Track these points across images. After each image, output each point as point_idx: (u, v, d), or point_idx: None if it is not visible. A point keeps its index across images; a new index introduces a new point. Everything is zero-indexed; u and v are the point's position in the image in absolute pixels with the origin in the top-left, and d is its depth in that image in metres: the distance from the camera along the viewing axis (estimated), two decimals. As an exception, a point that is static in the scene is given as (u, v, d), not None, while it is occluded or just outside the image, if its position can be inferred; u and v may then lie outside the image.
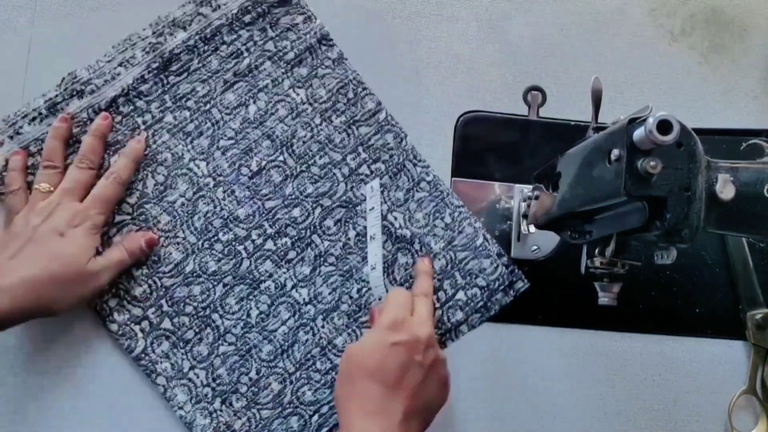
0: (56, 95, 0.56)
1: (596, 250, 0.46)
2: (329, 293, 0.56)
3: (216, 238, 0.56)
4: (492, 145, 0.59)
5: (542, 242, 0.58)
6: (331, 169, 0.57)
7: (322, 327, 0.55)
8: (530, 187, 0.56)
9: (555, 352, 0.57)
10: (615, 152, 0.38)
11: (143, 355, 0.54)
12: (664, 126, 0.34)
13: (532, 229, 0.57)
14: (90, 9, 0.58)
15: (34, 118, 0.55)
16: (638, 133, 0.36)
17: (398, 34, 0.60)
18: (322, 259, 0.56)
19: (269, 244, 0.56)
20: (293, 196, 0.57)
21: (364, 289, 0.56)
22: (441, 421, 0.55)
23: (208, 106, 0.57)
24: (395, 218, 0.57)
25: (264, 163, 0.57)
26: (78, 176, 0.53)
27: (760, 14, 0.62)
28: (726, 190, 0.38)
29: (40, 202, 0.52)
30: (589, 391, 0.57)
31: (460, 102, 0.59)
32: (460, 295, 0.56)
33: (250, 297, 0.55)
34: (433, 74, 0.60)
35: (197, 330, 0.55)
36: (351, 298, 0.56)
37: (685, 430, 0.56)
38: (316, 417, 0.54)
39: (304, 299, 0.56)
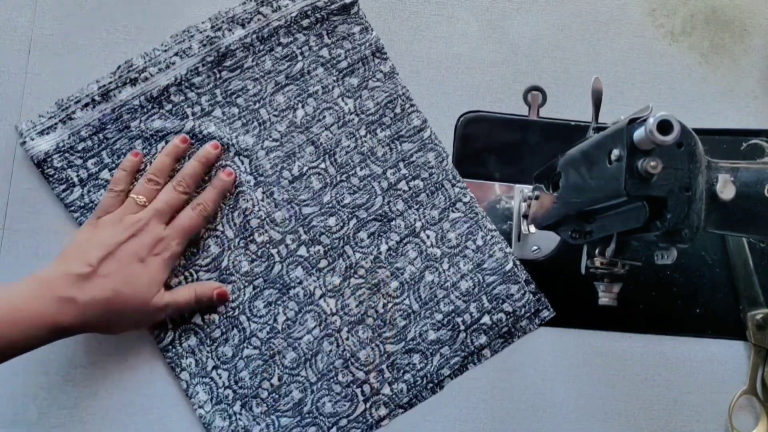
0: (110, 82, 0.56)
1: (596, 250, 0.46)
2: (356, 306, 0.56)
3: (251, 238, 0.56)
4: (492, 145, 0.59)
5: (542, 242, 0.58)
6: (371, 182, 0.57)
7: (347, 339, 0.55)
8: (530, 187, 0.56)
9: (555, 352, 0.57)
10: (615, 152, 0.38)
11: (170, 347, 0.54)
12: (664, 126, 0.34)
13: (532, 229, 0.57)
14: (90, 9, 0.58)
15: (86, 104, 0.56)
16: (638, 133, 0.36)
17: (398, 34, 0.60)
18: (352, 270, 0.56)
19: (302, 251, 0.56)
20: (330, 205, 0.56)
21: (390, 304, 0.56)
22: (441, 421, 0.55)
23: (257, 105, 0.57)
24: (428, 236, 0.57)
25: (305, 168, 0.57)
26: (172, 199, 0.53)
27: (760, 14, 0.62)
28: (726, 190, 0.38)
29: (130, 215, 0.52)
30: (589, 391, 0.57)
31: (460, 102, 0.59)
32: (485, 318, 0.56)
33: (279, 302, 0.55)
34: (433, 74, 0.60)
35: (224, 330, 0.55)
36: (377, 312, 0.56)
37: (685, 430, 0.56)
38: (334, 429, 0.54)
39: (331, 309, 0.55)
